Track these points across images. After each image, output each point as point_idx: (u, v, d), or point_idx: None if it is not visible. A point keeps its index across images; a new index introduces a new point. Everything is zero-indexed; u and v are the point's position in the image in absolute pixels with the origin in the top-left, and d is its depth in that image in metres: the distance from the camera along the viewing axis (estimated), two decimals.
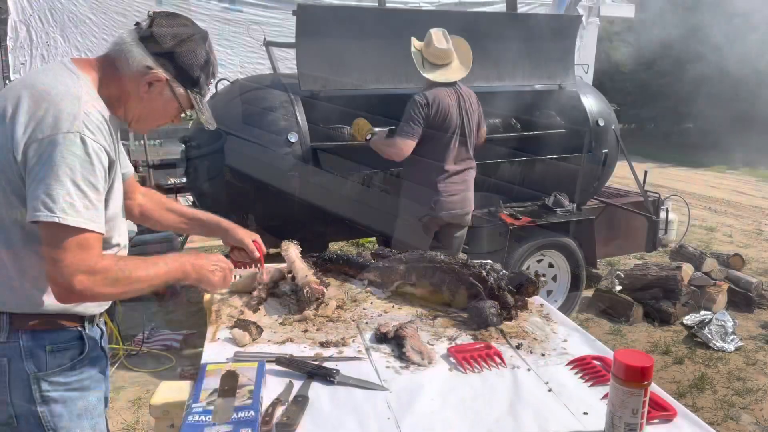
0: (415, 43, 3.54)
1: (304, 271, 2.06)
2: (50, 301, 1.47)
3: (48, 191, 1.33)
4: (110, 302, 1.65)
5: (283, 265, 2.28)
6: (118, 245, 1.61)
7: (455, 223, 3.68)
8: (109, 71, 1.51)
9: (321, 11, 3.86)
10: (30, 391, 1.48)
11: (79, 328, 1.55)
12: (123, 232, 1.65)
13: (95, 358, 1.61)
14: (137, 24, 1.53)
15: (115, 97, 1.52)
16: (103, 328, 1.70)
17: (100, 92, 1.49)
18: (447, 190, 3.55)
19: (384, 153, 3.54)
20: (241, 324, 1.74)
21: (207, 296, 2.05)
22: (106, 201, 1.47)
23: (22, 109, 1.38)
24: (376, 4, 4.76)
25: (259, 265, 2.03)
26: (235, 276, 1.97)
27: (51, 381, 1.50)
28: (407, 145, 3.43)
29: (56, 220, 1.33)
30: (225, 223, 2.01)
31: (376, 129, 3.65)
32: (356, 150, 3.91)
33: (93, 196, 1.38)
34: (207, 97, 1.67)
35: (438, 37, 3.47)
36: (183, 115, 1.63)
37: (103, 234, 1.43)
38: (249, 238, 2.00)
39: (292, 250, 2.22)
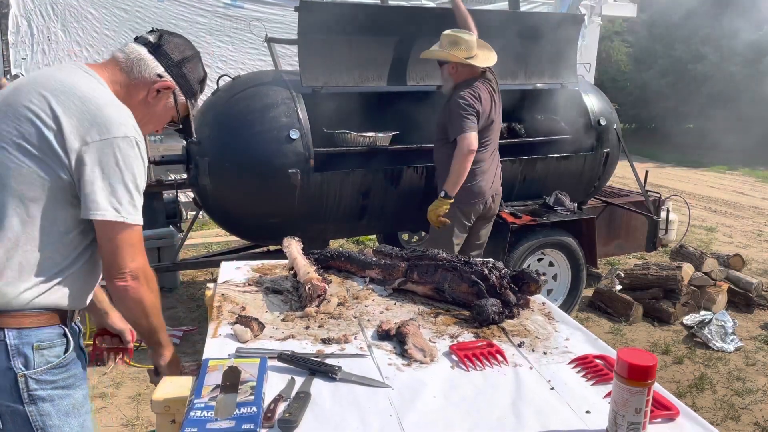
0: (439, 53, 3.59)
1: (306, 267, 2.06)
2: (35, 297, 1.48)
3: (115, 194, 1.47)
4: (86, 303, 1.65)
5: (284, 262, 2.28)
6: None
7: (487, 215, 3.82)
8: (120, 77, 1.62)
9: (324, 8, 3.85)
10: (17, 390, 1.47)
11: (62, 326, 1.56)
12: None
13: (78, 355, 1.62)
14: (139, 37, 1.68)
15: (123, 101, 1.59)
16: (80, 326, 1.71)
17: None
18: (486, 180, 3.68)
19: (460, 162, 3.49)
20: (243, 320, 1.74)
21: (208, 292, 2.05)
22: None
23: (73, 112, 1.45)
24: (379, 1, 4.74)
25: (127, 354, 1.94)
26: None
27: (39, 379, 1.49)
28: (473, 137, 3.49)
29: (122, 220, 1.48)
30: (106, 304, 1.87)
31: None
32: (360, 154, 3.94)
33: (141, 194, 1.54)
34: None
35: (457, 32, 3.57)
36: (169, 123, 1.77)
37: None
38: (127, 326, 1.90)
39: (293, 246, 2.22)
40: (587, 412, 1.42)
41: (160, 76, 1.64)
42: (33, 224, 1.47)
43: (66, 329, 1.57)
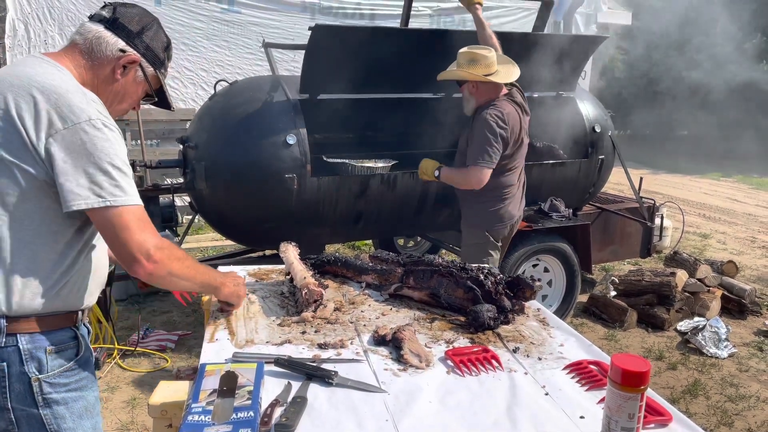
0: (457, 72, 3.36)
1: (302, 272, 2.06)
2: (47, 301, 1.46)
3: (90, 177, 1.40)
4: (96, 298, 1.66)
5: (281, 267, 2.29)
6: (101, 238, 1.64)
7: (509, 237, 3.73)
8: (81, 60, 1.56)
9: (336, 31, 3.84)
10: (32, 394, 1.47)
11: (74, 328, 1.56)
12: None
13: (89, 357, 1.62)
14: (93, 15, 1.61)
15: (89, 85, 1.56)
16: (89, 327, 1.71)
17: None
18: (514, 204, 3.59)
19: (460, 185, 3.48)
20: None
21: (205, 297, 2.06)
22: None
23: (33, 104, 1.40)
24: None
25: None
26: None
27: (52, 383, 1.49)
28: (485, 175, 3.30)
29: (108, 204, 1.40)
30: None
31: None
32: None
33: (129, 173, 1.46)
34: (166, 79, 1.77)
35: (474, 48, 3.34)
36: (144, 98, 1.72)
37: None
38: None
39: (290, 251, 2.23)
40: (581, 417, 1.43)
41: (122, 51, 1.58)
42: (21, 228, 1.44)
43: (77, 331, 1.57)
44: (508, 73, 3.37)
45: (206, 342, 1.74)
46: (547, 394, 1.53)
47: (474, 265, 2.11)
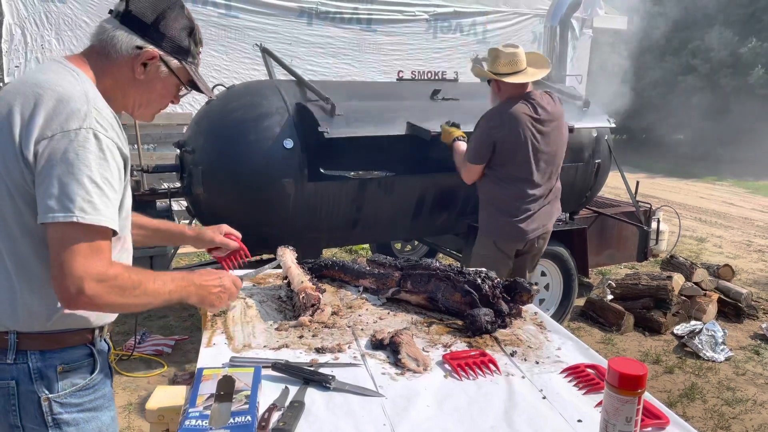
0: (481, 71, 3.36)
1: (300, 277, 2.06)
2: (59, 318, 1.40)
3: (64, 190, 1.27)
4: (116, 314, 1.58)
5: (278, 271, 2.29)
6: (125, 250, 1.54)
7: (531, 251, 3.52)
8: (100, 63, 1.45)
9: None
10: (41, 414, 1.40)
11: (90, 345, 1.48)
12: (129, 235, 1.58)
13: (106, 374, 1.55)
14: (111, 11, 1.48)
15: (111, 89, 1.46)
16: (109, 343, 1.63)
17: (96, 86, 1.43)
18: (526, 215, 3.32)
19: (458, 167, 3.47)
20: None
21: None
22: (120, 201, 1.40)
23: (32, 110, 1.32)
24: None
25: (242, 252, 2.07)
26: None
27: (63, 403, 1.43)
28: (470, 170, 3.34)
29: (74, 219, 1.26)
30: (189, 231, 1.98)
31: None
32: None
33: (110, 194, 1.32)
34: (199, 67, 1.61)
35: (504, 46, 3.27)
36: (182, 91, 1.57)
37: (117, 234, 1.36)
38: (218, 235, 2.00)
39: (287, 255, 2.23)
40: (579, 421, 1.43)
41: (139, 47, 1.43)
42: (22, 245, 1.36)
43: (94, 348, 1.49)
44: (531, 74, 3.24)
45: (203, 346, 1.73)
46: (544, 397, 1.53)
47: (471, 269, 2.11)
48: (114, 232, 1.35)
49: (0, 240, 1.37)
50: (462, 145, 3.48)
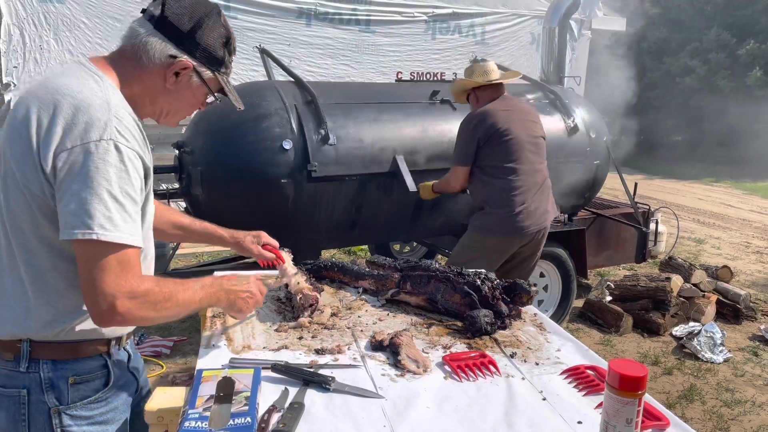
0: (459, 85, 3.61)
1: (296, 277, 2.05)
2: (73, 327, 1.38)
3: (84, 206, 1.22)
4: (132, 327, 1.55)
5: (275, 272, 2.28)
6: (145, 257, 1.50)
7: (526, 251, 3.55)
8: (128, 68, 1.39)
9: None
10: (51, 426, 1.38)
11: (105, 355, 1.45)
12: (152, 244, 1.56)
13: (122, 386, 1.51)
14: (145, 10, 1.40)
15: (139, 95, 1.41)
16: (131, 351, 1.60)
17: (122, 92, 1.38)
18: (515, 210, 3.37)
19: (446, 189, 3.60)
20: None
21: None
22: (142, 211, 1.37)
23: (50, 118, 1.27)
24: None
25: (279, 262, 2.06)
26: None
27: (73, 415, 1.40)
28: (458, 172, 3.47)
29: (94, 237, 1.22)
30: (228, 238, 1.99)
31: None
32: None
33: (131, 208, 1.28)
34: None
35: (472, 60, 3.60)
36: (209, 99, 1.52)
37: (141, 249, 1.33)
38: (256, 246, 2.00)
39: (284, 257, 2.22)
40: (579, 422, 1.43)
41: (172, 57, 1.38)
42: (39, 255, 1.33)
43: (109, 360, 1.46)
44: (502, 77, 3.53)
45: (203, 348, 1.73)
46: (544, 399, 1.53)
47: (471, 270, 2.11)
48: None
49: (17, 250, 1.35)
50: (437, 181, 3.66)
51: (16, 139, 1.31)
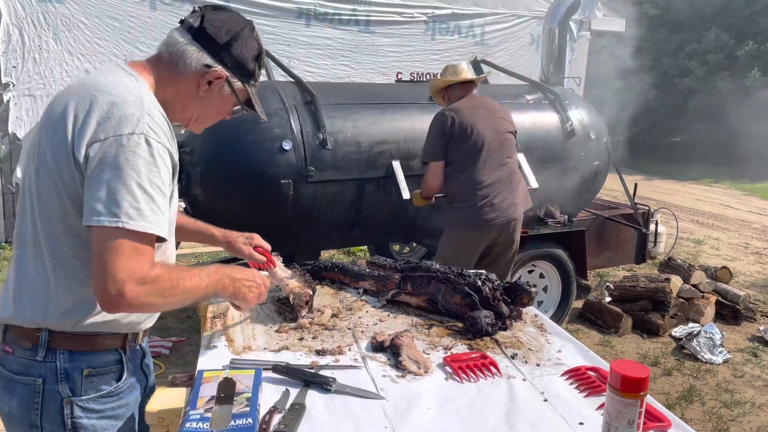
0: (434, 81, 3.74)
1: (285, 280, 2.02)
2: (93, 319, 1.40)
3: (112, 194, 1.27)
4: (151, 323, 1.58)
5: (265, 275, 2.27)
6: (165, 252, 1.53)
7: (500, 244, 3.59)
8: (164, 73, 1.47)
9: None
10: (61, 416, 1.40)
11: (120, 350, 1.47)
12: (173, 239, 1.58)
13: (134, 383, 1.53)
14: (183, 21, 1.49)
15: (171, 99, 1.48)
16: (145, 348, 1.62)
17: (156, 94, 1.44)
18: (481, 203, 3.42)
19: (427, 189, 3.60)
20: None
21: (201, 303, 2.04)
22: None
23: (86, 111, 1.33)
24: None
25: (270, 265, 2.02)
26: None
27: (84, 407, 1.42)
28: (432, 168, 3.51)
29: (120, 225, 1.26)
30: (220, 236, 1.99)
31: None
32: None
33: (159, 200, 1.32)
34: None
35: (449, 65, 3.72)
36: (235, 108, 1.60)
37: (166, 240, 1.37)
38: (248, 248, 1.98)
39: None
40: (580, 423, 1.43)
41: (208, 66, 1.46)
42: (63, 243, 1.37)
43: (124, 355, 1.48)
44: (470, 75, 3.65)
45: (203, 348, 1.73)
46: (545, 400, 1.53)
47: (471, 271, 2.11)
48: (160, 238, 1.34)
49: (42, 238, 1.38)
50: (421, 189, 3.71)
51: (53, 131, 1.36)
